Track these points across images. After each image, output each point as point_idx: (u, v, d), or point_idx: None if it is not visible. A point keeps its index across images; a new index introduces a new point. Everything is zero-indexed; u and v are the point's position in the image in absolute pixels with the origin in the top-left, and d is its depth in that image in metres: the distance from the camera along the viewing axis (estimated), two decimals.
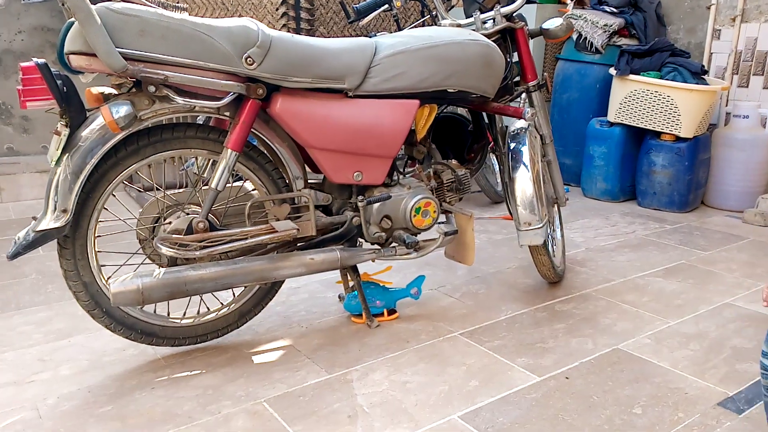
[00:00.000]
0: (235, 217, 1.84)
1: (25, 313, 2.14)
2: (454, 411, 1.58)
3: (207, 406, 1.59)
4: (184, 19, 1.56)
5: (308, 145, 1.79)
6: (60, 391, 1.65)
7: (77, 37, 1.46)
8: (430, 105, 1.99)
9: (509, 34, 2.22)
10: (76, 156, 1.56)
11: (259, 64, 1.63)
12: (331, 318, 2.11)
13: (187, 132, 1.70)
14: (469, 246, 2.10)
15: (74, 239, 1.64)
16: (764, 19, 3.68)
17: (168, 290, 1.64)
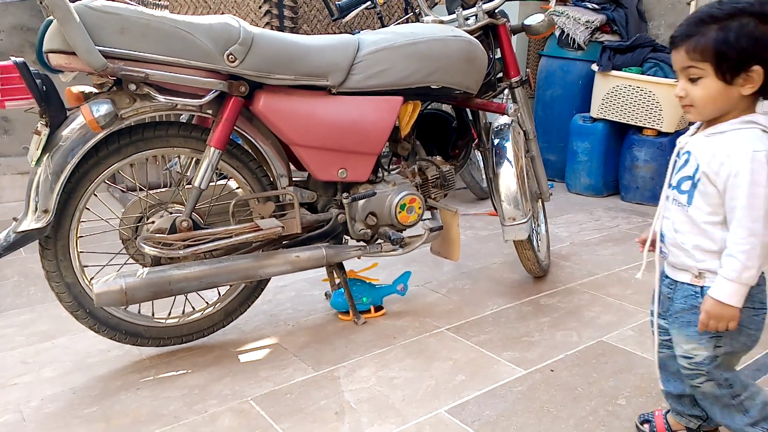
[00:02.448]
0: (219, 216, 1.84)
1: (8, 315, 2.11)
2: (441, 405, 1.58)
3: (193, 405, 1.59)
4: (164, 17, 1.55)
5: (292, 142, 1.78)
6: (44, 393, 1.64)
7: (56, 36, 1.45)
8: (414, 101, 1.99)
9: (491, 30, 2.23)
10: (56, 156, 1.54)
11: (241, 61, 1.63)
12: (317, 316, 2.11)
13: (169, 130, 1.69)
14: (454, 242, 2.11)
15: (56, 240, 1.62)
16: None
17: (152, 290, 1.63)
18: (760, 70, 1.06)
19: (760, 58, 1.05)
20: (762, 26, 1.05)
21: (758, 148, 1.07)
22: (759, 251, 1.09)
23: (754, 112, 1.12)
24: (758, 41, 1.04)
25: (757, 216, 1.08)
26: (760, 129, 1.09)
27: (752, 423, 1.23)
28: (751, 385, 1.25)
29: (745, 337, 1.19)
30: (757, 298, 1.17)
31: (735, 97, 1.10)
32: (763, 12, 1.05)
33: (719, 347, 1.19)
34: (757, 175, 1.07)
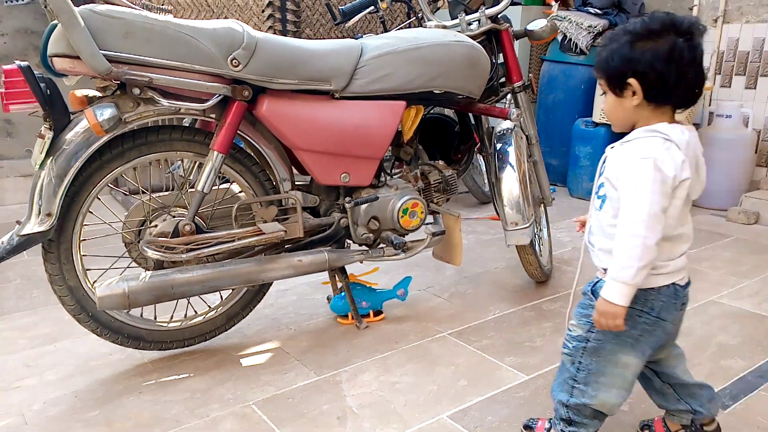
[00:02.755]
0: (221, 220, 1.84)
1: (10, 318, 2.11)
2: (443, 411, 1.58)
3: (195, 409, 1.58)
4: (168, 21, 1.55)
5: (295, 146, 1.79)
6: (46, 397, 1.64)
7: (61, 40, 1.45)
8: (417, 106, 1.99)
9: (494, 35, 2.23)
10: (60, 159, 1.54)
11: (244, 65, 1.63)
12: (319, 320, 2.11)
13: (172, 134, 1.70)
14: (456, 246, 2.11)
15: (59, 243, 1.62)
16: (745, 20, 3.73)
17: (154, 293, 1.63)
18: (635, 82, 1.16)
19: (634, 72, 1.15)
20: (635, 44, 1.15)
21: (646, 155, 1.14)
22: (639, 252, 1.13)
23: (664, 122, 1.18)
24: (630, 59, 1.15)
25: (637, 218, 1.13)
26: (662, 138, 1.15)
27: (566, 405, 1.31)
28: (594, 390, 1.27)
29: (617, 332, 1.22)
30: (648, 303, 1.22)
31: (629, 108, 1.19)
32: (636, 32, 1.16)
33: (591, 332, 1.26)
34: (640, 179, 1.14)
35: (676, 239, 1.21)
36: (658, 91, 1.16)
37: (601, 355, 1.26)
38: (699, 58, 1.15)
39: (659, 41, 1.14)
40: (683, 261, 1.24)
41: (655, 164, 1.13)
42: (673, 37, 1.13)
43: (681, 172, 1.14)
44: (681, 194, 1.16)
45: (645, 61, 1.14)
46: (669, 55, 1.13)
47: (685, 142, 1.15)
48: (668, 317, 1.25)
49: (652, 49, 1.14)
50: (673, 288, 1.23)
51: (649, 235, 1.13)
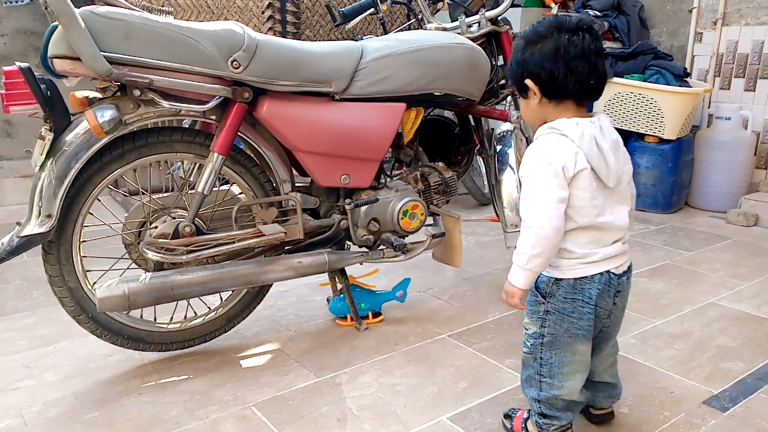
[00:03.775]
0: (221, 221, 1.84)
1: (10, 319, 2.11)
2: (443, 413, 1.58)
3: (195, 411, 1.58)
4: (169, 23, 1.55)
5: (295, 148, 1.79)
6: (46, 398, 1.64)
7: (61, 41, 1.45)
8: (417, 108, 2.00)
9: (494, 37, 2.24)
10: (60, 160, 1.54)
11: (245, 67, 1.63)
12: (319, 321, 2.11)
13: (172, 136, 1.70)
14: (456, 248, 2.11)
15: (59, 244, 1.62)
16: (745, 22, 3.73)
17: (154, 295, 1.63)
18: (530, 82, 1.25)
19: (528, 73, 1.25)
20: (526, 48, 1.25)
21: (537, 151, 1.23)
22: (533, 240, 1.22)
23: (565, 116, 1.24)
24: (523, 62, 1.25)
25: (530, 209, 1.23)
26: (556, 133, 1.23)
27: (538, 400, 1.37)
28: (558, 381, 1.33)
29: (568, 324, 1.30)
30: (585, 291, 1.28)
31: (534, 108, 1.28)
32: (527, 37, 1.26)
33: (544, 327, 1.33)
34: (532, 173, 1.23)
35: (602, 228, 1.26)
36: (552, 88, 1.24)
37: (558, 347, 1.33)
38: (588, 52, 1.21)
39: (546, 42, 1.22)
40: (617, 248, 1.29)
41: (544, 158, 1.21)
42: (558, 35, 1.21)
43: (573, 163, 1.20)
44: (582, 184, 1.22)
45: (534, 61, 1.23)
46: (555, 53, 1.21)
47: (579, 133, 1.20)
48: (602, 304, 1.30)
49: (540, 50, 1.22)
50: (608, 276, 1.28)
51: (543, 225, 1.21)
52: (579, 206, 1.23)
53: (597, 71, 1.23)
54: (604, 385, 1.45)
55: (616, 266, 1.29)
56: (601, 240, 1.27)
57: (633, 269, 1.38)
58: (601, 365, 1.42)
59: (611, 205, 1.26)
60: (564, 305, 1.30)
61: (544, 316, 1.32)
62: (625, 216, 1.28)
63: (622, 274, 1.31)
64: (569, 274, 1.28)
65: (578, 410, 1.41)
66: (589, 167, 1.21)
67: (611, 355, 1.43)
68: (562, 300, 1.30)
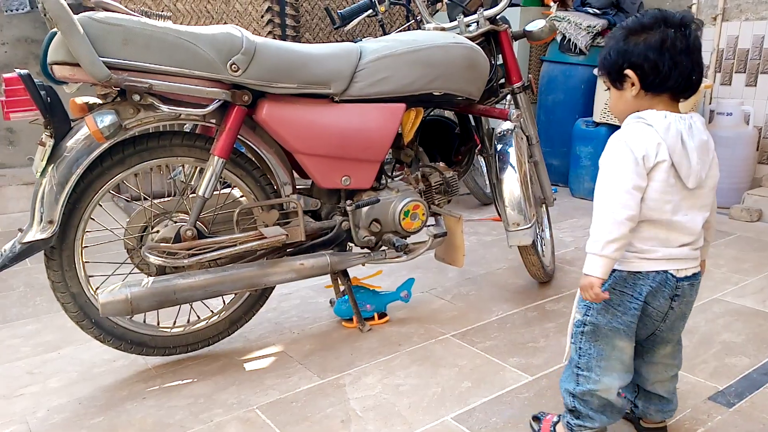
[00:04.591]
0: (223, 225, 1.84)
1: (13, 326, 2.12)
2: (448, 412, 1.58)
3: (199, 414, 1.58)
4: (167, 27, 1.56)
5: (295, 150, 1.79)
6: (50, 404, 1.64)
7: (60, 47, 1.46)
8: (417, 108, 1.99)
9: (493, 36, 2.23)
10: (61, 166, 1.55)
11: (244, 70, 1.63)
12: (322, 323, 2.11)
13: (173, 140, 1.70)
14: (458, 248, 2.11)
15: (61, 250, 1.63)
16: (745, 17, 3.73)
17: (157, 299, 1.63)
18: (631, 72, 1.22)
19: (630, 63, 1.21)
20: (628, 38, 1.22)
21: (620, 138, 1.21)
22: (607, 226, 1.19)
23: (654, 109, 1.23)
24: (625, 52, 1.22)
25: (606, 193, 1.21)
26: (642, 122, 1.21)
27: (573, 394, 1.34)
28: (596, 375, 1.31)
29: (611, 316, 1.28)
30: (636, 287, 1.26)
31: (629, 100, 1.25)
32: (629, 27, 1.23)
33: (587, 316, 1.31)
34: (610, 158, 1.21)
35: (671, 227, 1.22)
36: (654, 80, 1.21)
37: (598, 339, 1.30)
38: (692, 47, 1.19)
39: (651, 33, 1.19)
40: (683, 252, 1.24)
41: (626, 145, 1.19)
42: (665, 29, 1.19)
43: (654, 153, 1.18)
44: (659, 176, 1.19)
45: (639, 52, 1.20)
46: (661, 45, 1.18)
47: (666, 126, 1.18)
48: (655, 304, 1.27)
49: (645, 41, 1.20)
50: (665, 275, 1.25)
51: (618, 210, 1.18)
52: (650, 198, 1.20)
53: (699, 68, 1.21)
54: (658, 398, 1.40)
55: (677, 268, 1.25)
56: (667, 240, 1.23)
57: None
58: (656, 375, 1.38)
59: (686, 207, 1.22)
60: (611, 296, 1.27)
61: (589, 304, 1.30)
62: (698, 221, 1.24)
63: (684, 278, 1.26)
64: (624, 267, 1.25)
65: (614, 418, 1.35)
66: (670, 161, 1.18)
67: (669, 368, 1.38)
68: (610, 290, 1.26)
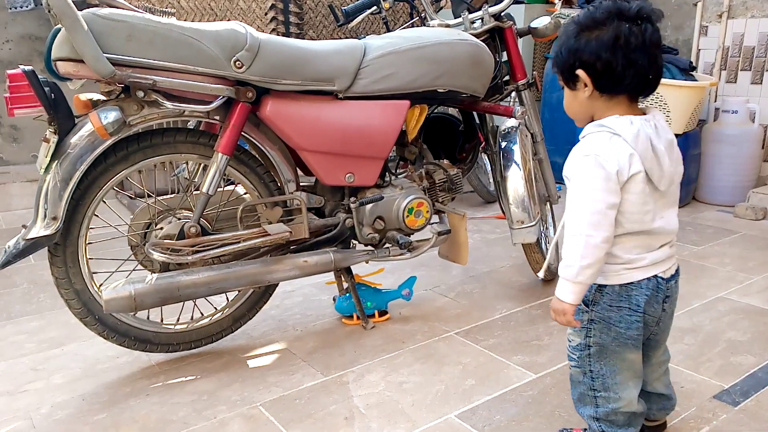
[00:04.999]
0: (227, 222, 1.84)
1: (17, 322, 2.12)
2: (451, 410, 1.57)
3: (202, 411, 1.58)
4: (171, 24, 1.55)
5: (299, 147, 1.79)
6: (53, 400, 1.64)
7: (64, 44, 1.46)
8: (421, 105, 1.99)
9: (498, 33, 2.22)
10: (65, 163, 1.54)
11: (248, 67, 1.63)
12: (326, 320, 2.11)
13: (177, 137, 1.70)
14: (462, 245, 2.10)
15: (65, 247, 1.63)
16: (750, 14, 3.71)
17: (161, 296, 1.63)
18: (583, 73, 1.14)
19: (581, 62, 1.14)
20: (580, 35, 1.14)
21: (588, 152, 1.12)
22: (582, 250, 1.12)
23: (617, 113, 1.15)
24: (576, 50, 1.14)
25: (579, 216, 1.13)
26: (608, 132, 1.13)
27: (596, 418, 1.29)
28: (614, 392, 1.27)
29: (615, 333, 1.23)
30: (632, 299, 1.21)
31: (583, 101, 1.18)
32: (581, 22, 1.14)
33: (589, 337, 1.25)
34: (582, 177, 1.13)
35: (652, 233, 1.19)
36: (607, 81, 1.14)
37: (607, 356, 1.25)
38: (649, 43, 1.11)
39: (604, 29, 1.11)
40: (665, 252, 1.22)
41: (596, 161, 1.11)
42: (618, 23, 1.10)
43: (628, 166, 1.11)
44: (635, 188, 1.13)
45: (590, 50, 1.12)
46: (614, 43, 1.10)
47: (634, 134, 1.12)
48: (650, 311, 1.23)
49: (597, 38, 1.12)
50: (655, 281, 1.21)
51: (592, 233, 1.12)
52: (630, 211, 1.15)
53: (656, 65, 1.13)
54: (658, 397, 1.38)
55: (664, 270, 1.22)
56: (649, 245, 1.19)
57: None
58: (652, 374, 1.35)
59: (661, 209, 1.19)
60: (609, 313, 1.22)
61: (588, 326, 1.25)
62: (675, 220, 1.22)
63: (670, 278, 1.23)
64: (614, 280, 1.20)
65: (640, 424, 1.32)
66: (644, 171, 1.12)
67: (662, 364, 1.36)
68: (607, 308, 1.22)
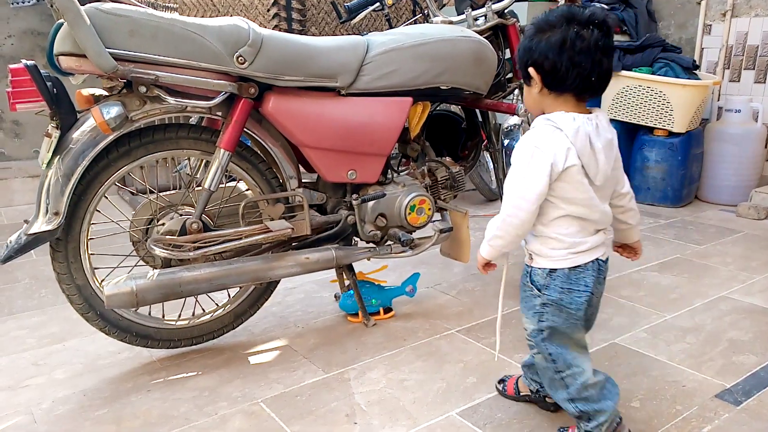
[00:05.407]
0: (229, 218, 1.83)
1: (19, 317, 2.12)
2: (452, 408, 1.57)
3: (204, 407, 1.58)
4: (174, 19, 1.55)
5: (301, 144, 1.78)
6: (55, 395, 1.64)
7: (67, 38, 1.45)
8: (423, 102, 1.98)
9: (501, 30, 2.22)
10: (67, 158, 1.54)
11: (250, 62, 1.63)
12: (327, 317, 2.11)
13: (179, 132, 1.69)
14: (464, 243, 2.10)
15: (67, 242, 1.63)
16: (754, 13, 3.69)
17: (162, 292, 1.63)
18: (533, 71, 1.24)
19: (533, 61, 1.24)
20: (535, 36, 1.23)
21: (529, 143, 1.23)
22: (499, 223, 1.28)
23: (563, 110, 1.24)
24: (529, 50, 1.24)
25: (509, 197, 1.26)
26: (551, 126, 1.22)
27: (570, 399, 1.34)
28: (575, 366, 1.33)
29: (566, 315, 1.31)
30: (581, 280, 1.29)
31: (535, 96, 1.28)
32: (537, 24, 1.24)
33: (542, 321, 1.33)
34: (518, 163, 1.24)
35: (590, 219, 1.28)
36: (553, 80, 1.23)
37: (559, 338, 1.33)
38: (594, 47, 1.19)
39: (555, 32, 1.20)
40: (601, 237, 1.30)
41: (534, 150, 1.21)
42: (568, 27, 1.19)
43: (564, 159, 1.20)
44: (571, 179, 1.22)
45: (540, 51, 1.22)
46: (561, 45, 1.19)
47: (575, 129, 1.20)
48: (596, 292, 1.32)
49: (547, 40, 1.21)
50: (597, 263, 1.30)
51: (513, 213, 1.25)
52: (569, 197, 1.25)
53: (600, 68, 1.21)
54: None
55: (602, 253, 1.32)
56: (588, 230, 1.29)
57: (640, 263, 1.40)
58: None
59: (599, 200, 1.28)
60: (561, 296, 1.30)
61: (541, 310, 1.33)
62: (609, 211, 1.31)
63: (606, 260, 1.34)
64: (563, 264, 1.29)
65: (613, 396, 1.35)
66: (580, 164, 1.21)
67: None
68: (558, 291, 1.30)
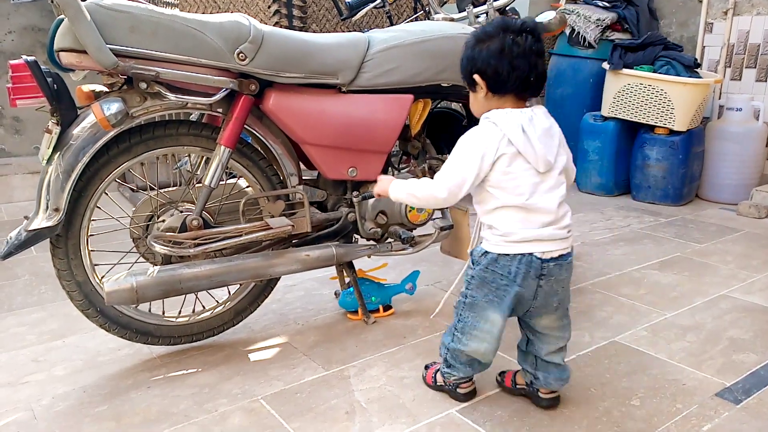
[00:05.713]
0: (229, 215, 1.83)
1: (19, 314, 2.12)
2: (452, 405, 1.57)
3: (203, 404, 1.58)
4: (175, 15, 1.55)
5: (302, 141, 1.78)
6: (54, 392, 1.64)
7: (67, 34, 1.45)
8: (424, 99, 1.98)
9: None
10: (67, 154, 1.54)
11: (251, 59, 1.62)
12: (327, 315, 2.11)
13: (179, 129, 1.69)
14: (464, 241, 2.10)
15: (67, 238, 1.62)
16: (756, 12, 3.69)
17: (162, 288, 1.63)
18: (478, 77, 1.37)
19: (477, 69, 1.37)
20: (476, 46, 1.37)
21: (467, 136, 1.37)
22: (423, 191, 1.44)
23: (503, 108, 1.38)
24: (472, 59, 1.37)
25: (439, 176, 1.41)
26: (489, 122, 1.36)
27: (447, 347, 1.54)
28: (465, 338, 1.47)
29: (486, 290, 1.43)
30: (504, 268, 1.39)
31: (481, 100, 1.40)
32: (477, 36, 1.38)
33: (468, 290, 1.48)
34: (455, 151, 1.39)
35: (528, 209, 1.36)
36: (496, 83, 1.36)
37: (475, 311, 1.46)
38: (528, 51, 1.33)
39: (493, 41, 1.34)
40: (547, 233, 1.37)
41: (469, 144, 1.36)
42: (504, 35, 1.33)
43: (495, 149, 1.33)
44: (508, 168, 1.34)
45: (482, 58, 1.35)
46: (500, 52, 1.33)
47: (507, 121, 1.33)
48: (525, 284, 1.39)
49: (487, 48, 1.35)
50: (530, 258, 1.37)
51: (436, 193, 1.41)
52: (505, 187, 1.35)
53: (536, 69, 1.35)
54: (555, 366, 1.51)
55: (543, 251, 1.37)
56: (526, 220, 1.36)
57: (641, 261, 1.38)
58: (547, 346, 1.50)
59: (542, 190, 1.36)
60: (485, 274, 1.42)
61: (470, 280, 1.46)
62: (554, 201, 1.37)
63: (550, 259, 1.38)
64: (493, 249, 1.40)
65: (479, 370, 1.54)
66: (516, 151, 1.33)
67: (558, 340, 1.50)
68: (484, 269, 1.42)
